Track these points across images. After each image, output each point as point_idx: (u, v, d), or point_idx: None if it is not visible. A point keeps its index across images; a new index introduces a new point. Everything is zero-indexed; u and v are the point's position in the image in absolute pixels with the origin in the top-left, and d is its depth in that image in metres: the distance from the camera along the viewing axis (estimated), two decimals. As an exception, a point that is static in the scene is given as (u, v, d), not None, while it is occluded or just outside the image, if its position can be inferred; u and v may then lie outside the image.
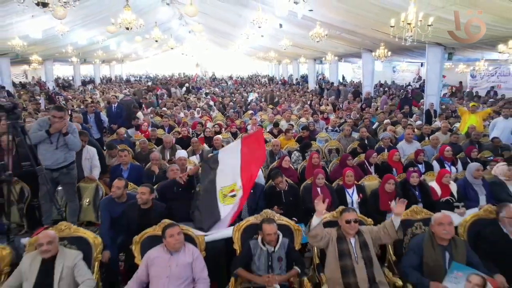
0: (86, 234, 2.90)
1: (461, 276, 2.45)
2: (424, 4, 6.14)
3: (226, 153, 3.54)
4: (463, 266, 2.55)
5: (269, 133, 7.18)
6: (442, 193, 4.26)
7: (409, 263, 2.77)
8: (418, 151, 5.31)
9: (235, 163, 3.42)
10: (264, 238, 2.80)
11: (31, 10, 10.23)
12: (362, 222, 3.08)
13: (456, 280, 2.46)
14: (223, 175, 3.38)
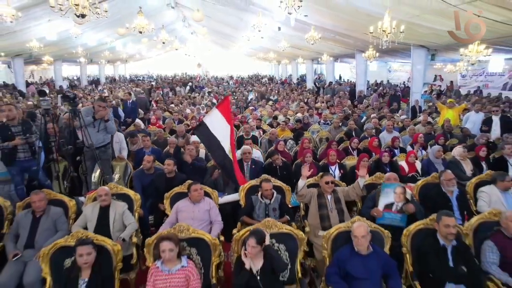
0: (129, 192, 3.90)
1: (390, 191, 3.56)
2: (403, 13, 7.17)
3: (211, 118, 4.43)
4: (390, 184, 3.66)
5: (268, 125, 8.18)
6: (409, 170, 5.28)
7: (366, 206, 3.76)
8: (394, 138, 6.32)
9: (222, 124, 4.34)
10: (262, 193, 3.80)
11: (48, 15, 11.28)
12: (337, 185, 4.08)
13: (387, 194, 3.57)
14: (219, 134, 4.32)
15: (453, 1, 5.92)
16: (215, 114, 4.40)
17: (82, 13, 5.44)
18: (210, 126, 4.28)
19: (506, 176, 3.99)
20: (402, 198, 3.54)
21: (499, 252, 2.94)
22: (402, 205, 3.49)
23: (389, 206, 3.59)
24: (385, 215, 3.53)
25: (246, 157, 4.97)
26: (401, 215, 3.45)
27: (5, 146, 4.31)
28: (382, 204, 3.63)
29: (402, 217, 3.44)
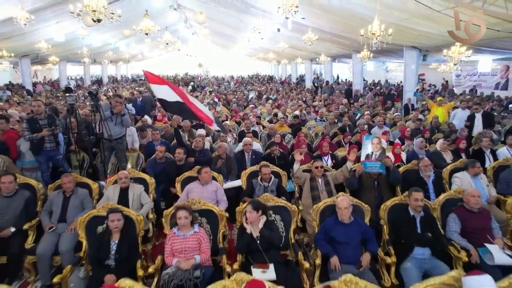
0: (145, 176, 4.49)
1: (368, 142, 4.28)
2: (393, 17, 7.75)
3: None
4: (367, 136, 4.38)
5: (268, 122, 8.78)
6: (395, 160, 5.84)
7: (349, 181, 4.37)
8: (384, 132, 6.90)
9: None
10: (262, 177, 4.38)
11: (57, 17, 11.87)
12: (326, 170, 4.66)
13: (366, 146, 4.29)
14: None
15: (437, 7, 6.51)
16: (156, 88, 4.94)
17: (98, 18, 6.01)
18: (164, 97, 4.83)
19: (476, 163, 4.56)
20: (379, 147, 4.19)
21: (460, 222, 3.52)
22: (379, 153, 4.12)
23: (368, 156, 4.26)
24: (366, 164, 4.19)
25: (247, 148, 5.55)
26: (380, 163, 4.08)
27: (34, 137, 4.90)
28: (363, 156, 4.31)
29: (381, 165, 4.09)
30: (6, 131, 5.16)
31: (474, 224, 3.50)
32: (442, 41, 8.44)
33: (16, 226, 3.76)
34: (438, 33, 7.65)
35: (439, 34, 7.73)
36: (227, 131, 5.94)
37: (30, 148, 5.02)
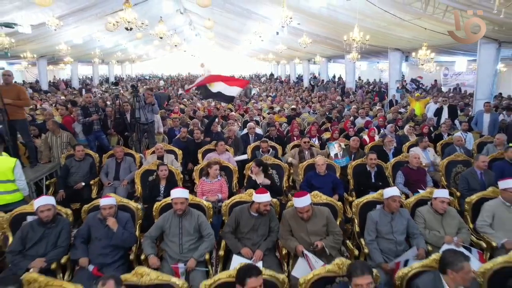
0: (174, 148, 6.01)
1: (332, 147, 5.74)
2: (373, 24, 9.31)
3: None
4: (330, 144, 5.87)
5: (267, 114, 10.31)
6: (370, 141, 7.37)
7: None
8: (367, 122, 8.43)
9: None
10: (262, 150, 5.90)
11: (77, 21, 13.40)
12: (312, 146, 6.19)
13: (332, 149, 5.74)
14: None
15: (406, 17, 8.06)
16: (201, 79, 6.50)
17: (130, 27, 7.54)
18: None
19: (423, 139, 6.06)
20: (340, 149, 5.71)
21: (404, 176, 5.03)
22: (342, 152, 5.64)
23: (336, 155, 5.74)
24: (336, 161, 5.64)
25: (251, 131, 7.09)
26: (344, 159, 5.58)
27: (86, 120, 6.43)
28: (332, 155, 5.78)
29: (346, 158, 5.59)
30: (64, 116, 6.69)
31: (414, 177, 5.02)
32: (417, 44, 10.00)
33: (85, 181, 5.27)
34: (411, 37, 9.21)
35: (412, 38, 9.29)
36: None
37: (82, 130, 6.55)
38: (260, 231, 3.49)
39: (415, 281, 2.55)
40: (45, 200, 3.29)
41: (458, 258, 2.43)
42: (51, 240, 3.26)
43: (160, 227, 3.41)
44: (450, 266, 2.42)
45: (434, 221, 3.65)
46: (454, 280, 2.40)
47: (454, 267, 2.40)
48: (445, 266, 2.46)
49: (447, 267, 2.44)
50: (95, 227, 3.38)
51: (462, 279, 2.36)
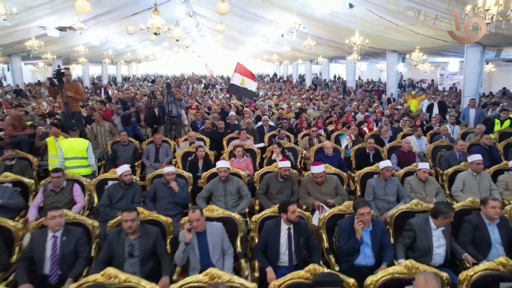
0: (203, 136, 7.14)
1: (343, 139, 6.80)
2: (371, 29, 10.46)
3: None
4: (342, 135, 6.88)
5: (275, 110, 11.48)
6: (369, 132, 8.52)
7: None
8: (366, 116, 9.59)
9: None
10: (279, 137, 7.03)
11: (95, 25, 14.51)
12: (320, 134, 7.33)
13: (343, 141, 6.77)
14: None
15: (401, 23, 9.21)
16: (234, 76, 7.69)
17: (157, 32, 8.67)
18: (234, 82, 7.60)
19: (417, 129, 7.21)
20: (350, 140, 6.82)
21: (397, 158, 6.16)
22: (351, 144, 6.75)
23: (346, 147, 6.86)
24: (346, 152, 6.75)
25: (265, 123, 8.23)
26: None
27: (125, 113, 7.56)
28: (343, 146, 6.89)
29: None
30: (104, 110, 7.81)
31: (405, 159, 6.15)
32: (411, 46, 11.18)
33: (130, 163, 6.38)
34: (405, 41, 10.37)
35: (406, 41, 10.46)
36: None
37: (121, 121, 7.67)
38: (285, 193, 4.62)
39: (409, 220, 3.59)
40: (126, 167, 4.43)
41: (449, 209, 3.37)
42: (129, 198, 4.39)
43: (209, 190, 4.54)
44: (442, 214, 3.33)
45: (418, 187, 4.78)
46: (440, 223, 3.35)
47: (445, 215, 3.31)
48: (438, 214, 3.35)
49: (440, 215, 3.34)
50: (160, 189, 4.51)
51: (445, 223, 3.35)
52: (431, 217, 3.46)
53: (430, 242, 3.36)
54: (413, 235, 3.42)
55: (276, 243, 3.31)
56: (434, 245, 3.36)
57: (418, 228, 3.42)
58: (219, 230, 3.34)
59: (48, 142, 5.61)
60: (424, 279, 2.23)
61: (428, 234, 3.37)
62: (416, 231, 3.40)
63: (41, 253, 3.11)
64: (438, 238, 3.38)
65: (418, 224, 3.44)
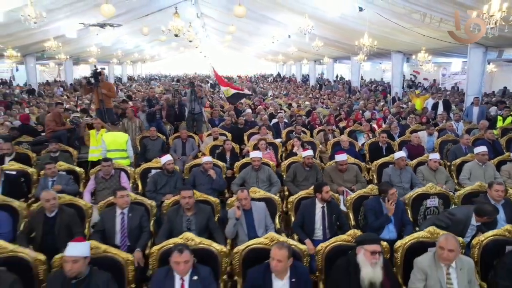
0: (225, 132, 7.67)
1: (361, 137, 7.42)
2: (379, 31, 11.01)
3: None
4: (360, 133, 7.41)
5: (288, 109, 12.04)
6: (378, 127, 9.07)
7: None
8: (372, 113, 10.14)
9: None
10: (296, 132, 7.57)
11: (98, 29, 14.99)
12: (334, 130, 7.87)
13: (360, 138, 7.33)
14: None
15: (407, 25, 9.76)
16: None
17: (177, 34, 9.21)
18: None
19: (431, 127, 7.74)
20: (367, 138, 7.35)
21: (408, 151, 6.69)
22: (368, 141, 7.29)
23: (362, 144, 7.39)
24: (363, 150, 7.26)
25: (280, 120, 8.78)
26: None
27: (151, 110, 8.09)
28: (360, 143, 7.42)
29: None
30: (129, 107, 8.33)
31: (414, 152, 6.69)
32: (416, 47, 11.75)
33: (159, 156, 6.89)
34: (411, 42, 10.94)
35: (411, 42, 11.02)
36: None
37: (146, 118, 8.20)
38: (310, 180, 5.15)
39: (454, 210, 3.97)
40: (169, 157, 4.97)
41: (495, 212, 3.59)
42: (172, 184, 4.92)
43: (242, 177, 5.08)
44: (488, 215, 3.51)
45: (429, 175, 5.32)
46: (481, 221, 3.54)
47: (490, 216, 3.51)
48: (484, 214, 3.51)
49: (485, 215, 3.51)
50: (199, 176, 5.05)
51: (487, 221, 3.57)
52: (476, 214, 3.62)
53: (464, 234, 3.59)
54: (450, 223, 3.64)
55: (311, 219, 3.85)
56: (465, 235, 3.63)
57: (461, 219, 3.65)
58: (262, 208, 3.88)
59: (90, 134, 6.15)
60: (445, 238, 2.77)
61: (466, 228, 3.63)
62: (455, 220, 3.64)
63: (112, 226, 3.64)
64: (472, 231, 3.67)
65: (462, 214, 3.70)
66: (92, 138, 6.23)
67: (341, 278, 2.73)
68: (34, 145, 6.64)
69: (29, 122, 7.63)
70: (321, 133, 7.74)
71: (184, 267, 2.60)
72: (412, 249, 3.04)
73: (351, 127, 8.33)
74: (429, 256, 2.85)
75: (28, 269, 2.78)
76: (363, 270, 2.66)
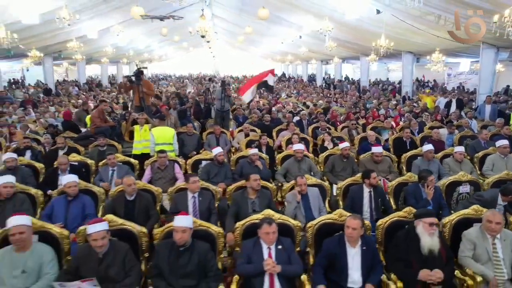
0: (255, 128, 8.15)
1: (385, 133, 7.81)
2: (395, 32, 11.51)
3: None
4: (385, 130, 7.90)
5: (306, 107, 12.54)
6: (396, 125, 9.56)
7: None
8: (386, 112, 10.63)
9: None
10: (321, 128, 8.05)
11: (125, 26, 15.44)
12: (357, 126, 8.36)
13: (384, 135, 7.80)
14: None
15: (422, 27, 10.25)
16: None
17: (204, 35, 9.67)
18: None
19: (452, 126, 8.20)
20: (392, 135, 7.83)
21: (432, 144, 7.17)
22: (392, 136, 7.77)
23: (386, 140, 7.86)
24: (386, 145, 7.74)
25: (303, 117, 9.26)
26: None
27: (182, 107, 8.55)
28: (384, 138, 7.90)
29: None
30: (160, 105, 8.79)
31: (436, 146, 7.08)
32: (428, 48, 12.27)
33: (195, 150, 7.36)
34: (422, 42, 11.45)
35: (423, 43, 11.54)
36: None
37: (177, 115, 8.65)
38: (347, 170, 5.63)
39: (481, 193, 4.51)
40: (220, 149, 5.44)
41: None
42: (223, 174, 5.39)
43: (285, 168, 5.55)
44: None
45: (455, 166, 5.80)
46: (507, 200, 3.98)
47: None
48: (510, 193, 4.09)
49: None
50: (246, 167, 5.50)
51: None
52: (501, 194, 4.04)
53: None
54: (480, 204, 3.88)
55: (360, 203, 4.32)
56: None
57: (487, 198, 4.13)
58: (316, 192, 4.35)
59: (135, 129, 6.61)
60: (492, 213, 3.24)
61: (494, 207, 3.96)
62: (484, 201, 4.06)
63: (185, 209, 4.10)
64: (500, 211, 3.98)
65: (489, 195, 4.20)
66: (136, 133, 6.68)
67: (403, 247, 3.20)
68: (79, 140, 7.08)
69: (71, 118, 8.07)
70: (345, 129, 8.22)
71: (272, 237, 3.07)
72: (459, 225, 3.51)
73: (371, 124, 8.82)
74: (476, 229, 3.33)
75: (134, 240, 3.24)
76: (422, 239, 3.13)
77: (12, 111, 10.63)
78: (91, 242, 2.92)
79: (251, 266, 3.04)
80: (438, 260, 3.07)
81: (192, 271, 2.97)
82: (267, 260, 2.97)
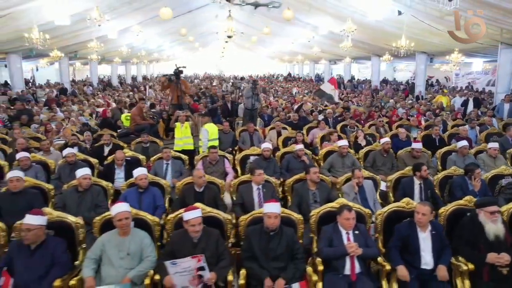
0: (286, 126, 8.43)
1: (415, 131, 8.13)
2: (413, 33, 11.82)
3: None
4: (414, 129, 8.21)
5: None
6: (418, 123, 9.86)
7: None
8: (407, 111, 10.94)
9: None
10: (349, 125, 8.35)
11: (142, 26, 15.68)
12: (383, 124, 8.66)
13: (413, 132, 8.12)
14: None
15: (441, 27, 10.57)
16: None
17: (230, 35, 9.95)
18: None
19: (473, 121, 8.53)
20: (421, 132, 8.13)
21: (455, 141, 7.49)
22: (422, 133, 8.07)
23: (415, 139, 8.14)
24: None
25: (329, 115, 9.54)
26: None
27: (213, 106, 8.83)
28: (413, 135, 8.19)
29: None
30: (192, 103, 9.06)
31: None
32: (444, 48, 12.61)
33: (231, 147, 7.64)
34: (439, 43, 11.78)
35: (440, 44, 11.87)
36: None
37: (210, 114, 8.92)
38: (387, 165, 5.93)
39: None
40: (268, 144, 5.77)
41: None
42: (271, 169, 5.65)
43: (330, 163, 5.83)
44: None
45: (489, 162, 6.10)
46: None
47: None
48: None
49: None
50: (292, 162, 5.82)
51: None
52: None
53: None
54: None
55: (411, 194, 4.61)
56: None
57: None
58: (370, 184, 4.65)
59: (176, 126, 6.90)
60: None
61: None
62: None
63: (250, 200, 4.40)
64: None
65: None
66: (177, 130, 6.96)
67: (469, 233, 3.48)
68: (120, 138, 7.35)
69: (107, 117, 8.33)
70: (372, 127, 8.52)
71: (352, 222, 3.35)
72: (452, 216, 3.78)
73: (396, 122, 9.11)
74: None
75: (221, 227, 3.52)
76: (486, 227, 3.41)
77: (39, 110, 10.88)
78: (189, 227, 3.19)
79: (333, 249, 3.33)
80: (504, 244, 3.36)
81: (281, 253, 3.25)
82: (350, 244, 3.26)
